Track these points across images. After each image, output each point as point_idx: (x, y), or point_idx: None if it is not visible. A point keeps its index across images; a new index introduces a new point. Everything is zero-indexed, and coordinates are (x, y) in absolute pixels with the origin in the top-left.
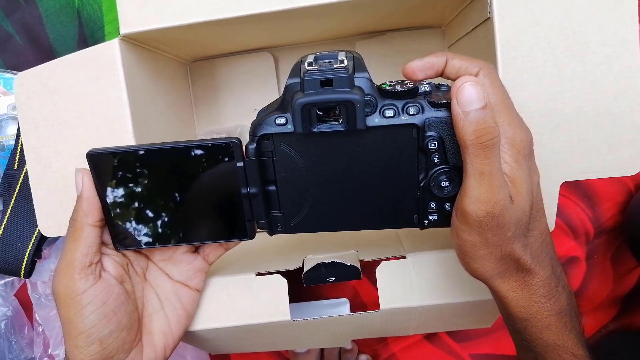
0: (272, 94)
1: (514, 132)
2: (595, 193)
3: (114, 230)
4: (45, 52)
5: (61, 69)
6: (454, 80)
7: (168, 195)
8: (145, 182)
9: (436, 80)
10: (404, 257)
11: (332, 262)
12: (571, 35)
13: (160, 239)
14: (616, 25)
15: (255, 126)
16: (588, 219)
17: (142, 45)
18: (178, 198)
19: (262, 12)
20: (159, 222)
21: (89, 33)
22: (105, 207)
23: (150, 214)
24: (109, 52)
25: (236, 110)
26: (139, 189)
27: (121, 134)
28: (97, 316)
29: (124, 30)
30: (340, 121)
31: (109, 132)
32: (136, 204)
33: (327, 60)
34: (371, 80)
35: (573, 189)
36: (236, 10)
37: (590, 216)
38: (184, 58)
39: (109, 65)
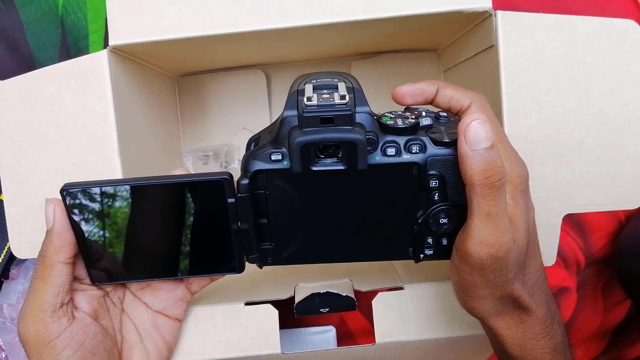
0: (263, 112)
1: (510, 167)
2: (587, 223)
3: (92, 264)
4: (24, 60)
5: (43, 80)
6: (444, 109)
7: (153, 229)
8: (128, 216)
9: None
10: (402, 288)
11: (327, 292)
12: (575, 65)
13: (143, 273)
14: (620, 57)
15: (248, 161)
16: (579, 249)
17: (131, 57)
18: (164, 232)
19: (257, 29)
20: (143, 256)
21: (72, 42)
22: (80, 239)
23: (133, 249)
24: (96, 63)
25: (224, 128)
26: (121, 223)
27: (105, 150)
28: None
29: (113, 41)
30: (340, 159)
31: (92, 147)
32: (117, 238)
33: (326, 92)
34: (372, 114)
35: (564, 218)
36: (231, 27)
37: (582, 246)
38: (172, 72)
39: (96, 78)
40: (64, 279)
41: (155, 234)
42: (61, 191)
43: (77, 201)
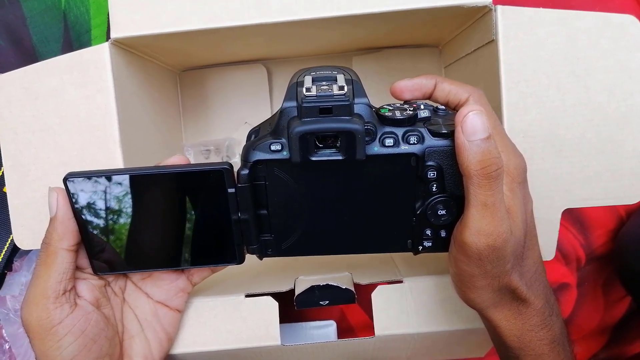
0: (264, 107)
1: (507, 159)
2: (587, 219)
3: (94, 254)
4: (27, 54)
5: (45, 72)
6: (442, 103)
7: (154, 219)
8: (129, 206)
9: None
10: (401, 281)
11: (327, 284)
12: (575, 60)
13: (144, 264)
14: (620, 52)
15: (248, 151)
16: (580, 245)
17: (133, 50)
18: (165, 222)
19: (260, 23)
20: (144, 246)
21: (74, 36)
22: (83, 229)
23: (134, 238)
24: (98, 56)
25: (225, 122)
26: (122, 213)
27: (107, 142)
28: (77, 347)
29: (115, 34)
30: (339, 149)
31: (94, 139)
32: (119, 228)
33: (325, 84)
34: (370, 106)
35: (565, 214)
36: (232, 20)
37: (582, 242)
38: (174, 66)
39: (98, 70)
40: (67, 266)
41: (156, 224)
42: (64, 180)
43: (80, 190)
